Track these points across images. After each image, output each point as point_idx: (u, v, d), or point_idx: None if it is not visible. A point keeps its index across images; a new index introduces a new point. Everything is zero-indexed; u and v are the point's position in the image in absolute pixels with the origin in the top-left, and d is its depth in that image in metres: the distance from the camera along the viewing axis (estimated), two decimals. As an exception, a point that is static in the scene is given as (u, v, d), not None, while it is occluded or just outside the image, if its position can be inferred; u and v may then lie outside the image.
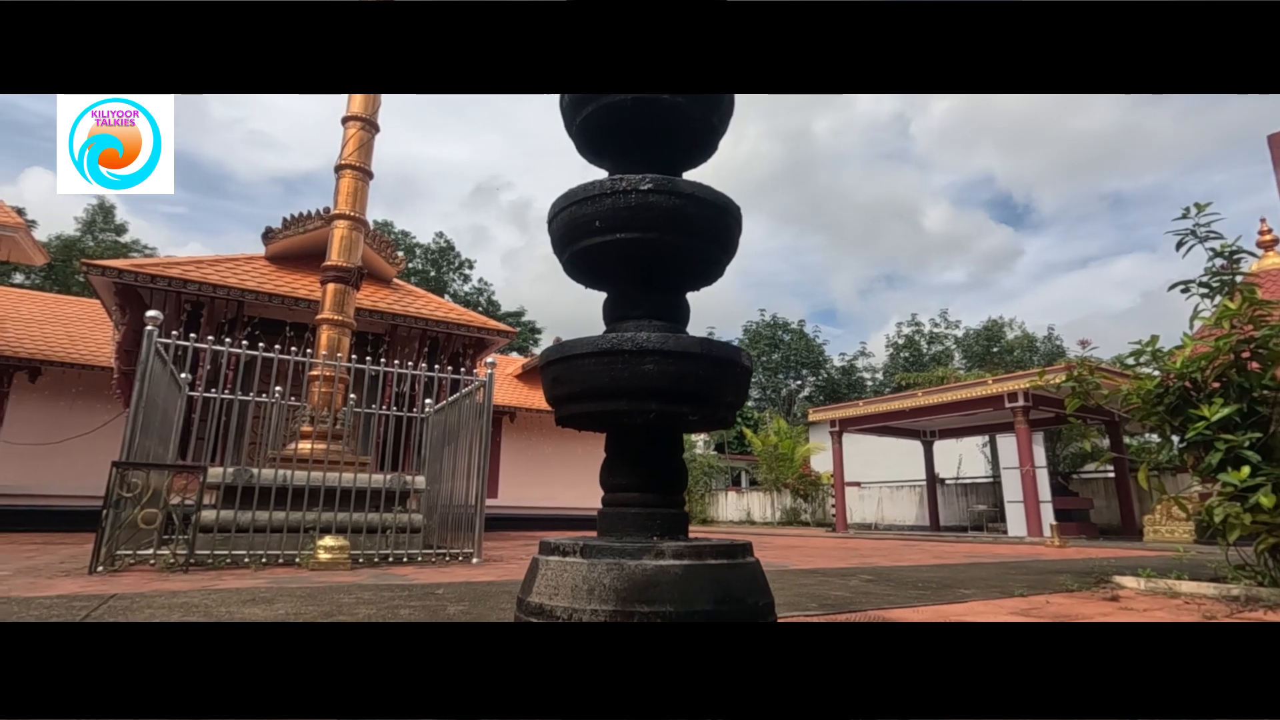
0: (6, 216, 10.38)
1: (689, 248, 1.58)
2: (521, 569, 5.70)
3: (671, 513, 1.56)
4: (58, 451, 11.58)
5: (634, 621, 1.26)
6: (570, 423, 1.61)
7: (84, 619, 2.61)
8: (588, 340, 1.50)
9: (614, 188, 1.51)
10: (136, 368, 5.50)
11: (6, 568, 5.09)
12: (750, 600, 1.39)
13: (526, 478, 16.29)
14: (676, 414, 1.48)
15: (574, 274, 1.69)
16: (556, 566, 1.41)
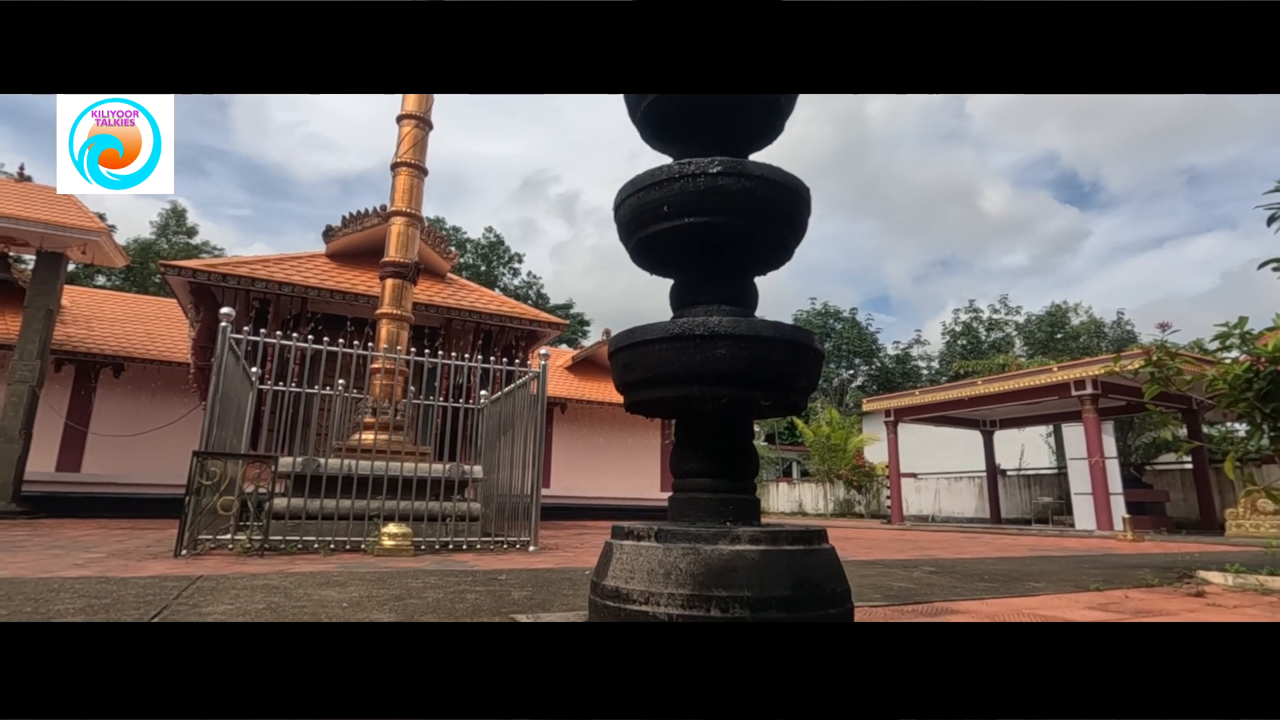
0: (90, 222, 11.02)
1: (759, 231, 1.56)
2: (577, 557, 5.77)
3: (744, 499, 1.55)
4: (140, 442, 12.28)
5: (711, 605, 1.26)
6: (640, 409, 1.61)
7: (175, 598, 2.76)
8: (658, 326, 1.50)
9: (682, 172, 1.50)
10: (211, 363, 5.78)
11: (100, 550, 5.41)
12: (828, 587, 1.37)
13: (578, 468, 16.46)
14: (749, 399, 1.46)
15: (641, 261, 1.69)
16: (631, 551, 1.42)
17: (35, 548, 5.38)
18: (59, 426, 11.98)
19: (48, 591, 2.85)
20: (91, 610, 2.44)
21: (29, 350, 10.57)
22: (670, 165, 1.54)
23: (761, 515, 6.78)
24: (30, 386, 10.48)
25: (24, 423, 10.33)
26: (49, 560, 4.47)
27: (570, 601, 2.95)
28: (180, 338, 13.13)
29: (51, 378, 11.39)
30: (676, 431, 1.64)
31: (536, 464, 6.74)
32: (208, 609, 2.54)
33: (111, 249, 11.36)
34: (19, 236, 10.62)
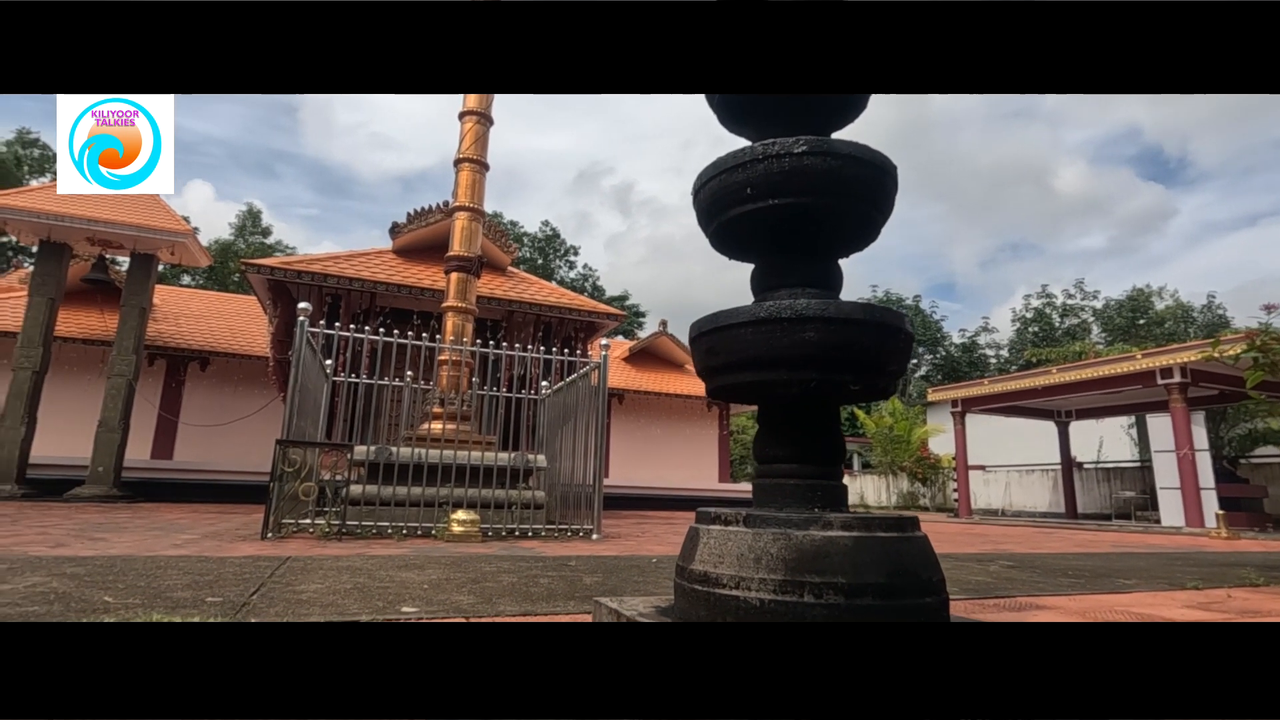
0: (177, 224, 11.68)
1: (846, 211, 1.52)
2: (640, 545, 5.81)
3: (831, 485, 1.52)
4: (224, 432, 13.00)
5: (804, 590, 1.24)
6: (723, 394, 1.60)
7: (269, 576, 2.92)
8: (743, 309, 1.48)
9: (766, 152, 1.47)
10: (288, 356, 6.06)
11: (195, 532, 5.76)
12: (924, 575, 1.34)
13: (636, 458, 16.55)
14: (837, 383, 1.43)
15: (721, 245, 1.67)
16: (719, 536, 1.41)
17: (137, 529, 5.77)
18: (153, 417, 12.79)
19: (156, 568, 3.05)
20: (197, 586, 2.60)
21: (125, 346, 11.31)
22: (754, 146, 1.51)
23: None
24: (127, 380, 11.23)
25: (122, 414, 11.07)
26: (151, 540, 4.78)
27: (641, 587, 2.97)
28: (258, 333, 13.82)
29: (145, 371, 12.17)
30: (760, 417, 1.62)
31: (598, 454, 6.81)
32: (300, 587, 2.68)
33: (196, 249, 12.03)
34: (114, 240, 11.36)
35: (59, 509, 8.33)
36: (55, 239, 11.08)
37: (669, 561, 4.15)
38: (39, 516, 6.81)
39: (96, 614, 2.03)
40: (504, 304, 10.59)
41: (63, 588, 2.44)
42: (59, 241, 11.13)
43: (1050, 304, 35.74)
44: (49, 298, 10.97)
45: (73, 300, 12.36)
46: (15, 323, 11.37)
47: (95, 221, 10.84)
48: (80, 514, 7.47)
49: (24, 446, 10.48)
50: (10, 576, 2.65)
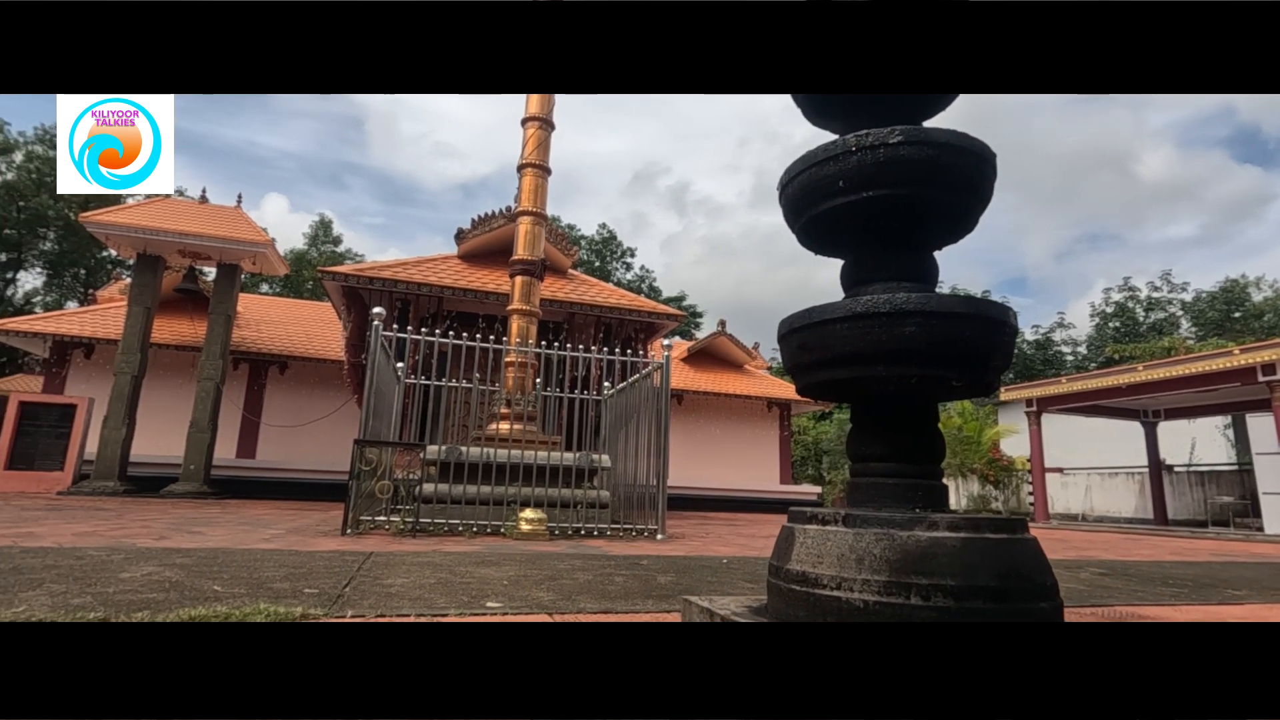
0: (259, 235, 12.32)
1: (943, 201, 1.47)
2: (705, 546, 5.78)
3: (932, 484, 1.47)
4: (301, 432, 13.63)
5: (910, 592, 1.21)
6: (815, 392, 1.57)
7: (357, 570, 3.04)
8: (838, 304, 1.45)
9: (859, 144, 1.44)
10: (362, 359, 6.29)
11: (279, 527, 6.04)
12: (1037, 579, 1.28)
13: (695, 459, 16.48)
14: (939, 379, 1.39)
15: (810, 240, 1.64)
16: (817, 535, 1.38)
17: (228, 524, 6.10)
18: (237, 418, 13.52)
19: (253, 561, 3.22)
20: (294, 578, 2.73)
21: (213, 351, 12.00)
22: (846, 138, 1.48)
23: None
24: (215, 383, 11.91)
25: (211, 415, 11.75)
26: (241, 534, 5.05)
27: (717, 587, 2.95)
28: (332, 337, 14.43)
29: (230, 375, 12.86)
30: (854, 415, 1.59)
31: (662, 454, 6.81)
32: (387, 581, 2.78)
33: (275, 259, 12.66)
34: (203, 251, 12.07)
35: (156, 504, 8.91)
36: (150, 252, 11.85)
37: (740, 563, 4.11)
38: (139, 511, 7.29)
39: (208, 602, 2.16)
40: (565, 306, 10.73)
41: (175, 577, 2.60)
42: (154, 254, 11.89)
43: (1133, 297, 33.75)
44: (145, 307, 11.74)
45: (166, 309, 13.18)
46: (116, 330, 12.22)
47: (186, 235, 11.54)
48: (175, 509, 7.97)
49: (125, 446, 11.25)
50: (129, 565, 2.85)
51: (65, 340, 12.99)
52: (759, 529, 9.18)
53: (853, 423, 1.58)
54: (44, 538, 4.07)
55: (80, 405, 11.37)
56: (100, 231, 11.68)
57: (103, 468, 10.96)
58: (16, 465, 10.77)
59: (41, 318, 14.04)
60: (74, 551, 3.30)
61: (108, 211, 12.56)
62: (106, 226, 11.54)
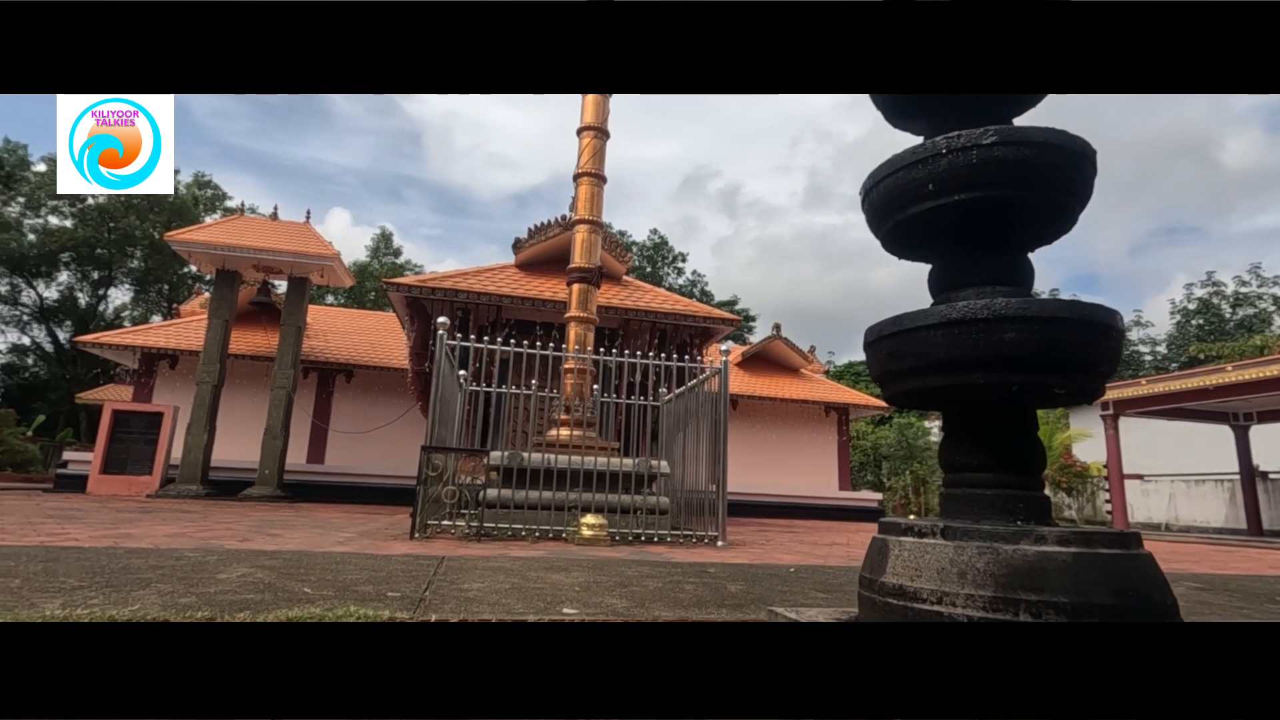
0: (326, 249, 12.84)
1: (1040, 202, 1.42)
2: (768, 553, 5.70)
3: (1034, 495, 1.42)
4: (367, 439, 14.10)
5: (1019, 609, 1.16)
6: (905, 400, 1.54)
7: (434, 575, 3.13)
8: (931, 311, 1.42)
9: (950, 146, 1.41)
10: (427, 367, 6.47)
11: (350, 530, 6.25)
12: (1157, 597, 1.21)
13: (751, 465, 16.30)
14: (1041, 386, 1.34)
15: (896, 245, 1.61)
16: (913, 548, 1.35)
17: (302, 526, 6.35)
18: (307, 425, 14.09)
19: (334, 563, 3.35)
20: (375, 581, 2.83)
21: (285, 361, 12.55)
22: (935, 140, 1.45)
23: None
24: (287, 392, 12.45)
25: (284, 422, 12.29)
26: (316, 537, 5.25)
27: (789, 597, 2.91)
28: (395, 346, 14.90)
29: (301, 384, 13.42)
30: (947, 423, 1.54)
31: (721, 459, 6.76)
32: (464, 586, 2.84)
33: (342, 271, 13.17)
34: (275, 265, 12.66)
35: (235, 507, 9.36)
36: (228, 267, 12.50)
37: (808, 572, 4.04)
38: (221, 514, 7.67)
39: (300, 604, 2.25)
40: (620, 312, 10.79)
41: (267, 579, 2.73)
42: (231, 269, 12.54)
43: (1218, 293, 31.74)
44: (224, 320, 12.37)
45: (242, 321, 13.86)
46: (198, 342, 12.91)
47: (260, 250, 12.12)
48: (253, 512, 8.35)
49: (206, 451, 11.87)
50: (223, 567, 3.00)
51: (152, 352, 13.81)
52: (820, 536, 9.01)
53: (946, 431, 1.54)
54: (141, 539, 4.33)
55: (166, 413, 12.06)
56: (183, 249, 12.39)
57: (186, 472, 11.59)
58: (111, 470, 11.48)
59: (131, 331, 14.97)
60: (171, 553, 3.50)
61: (189, 230, 13.32)
62: (188, 244, 12.23)
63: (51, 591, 2.25)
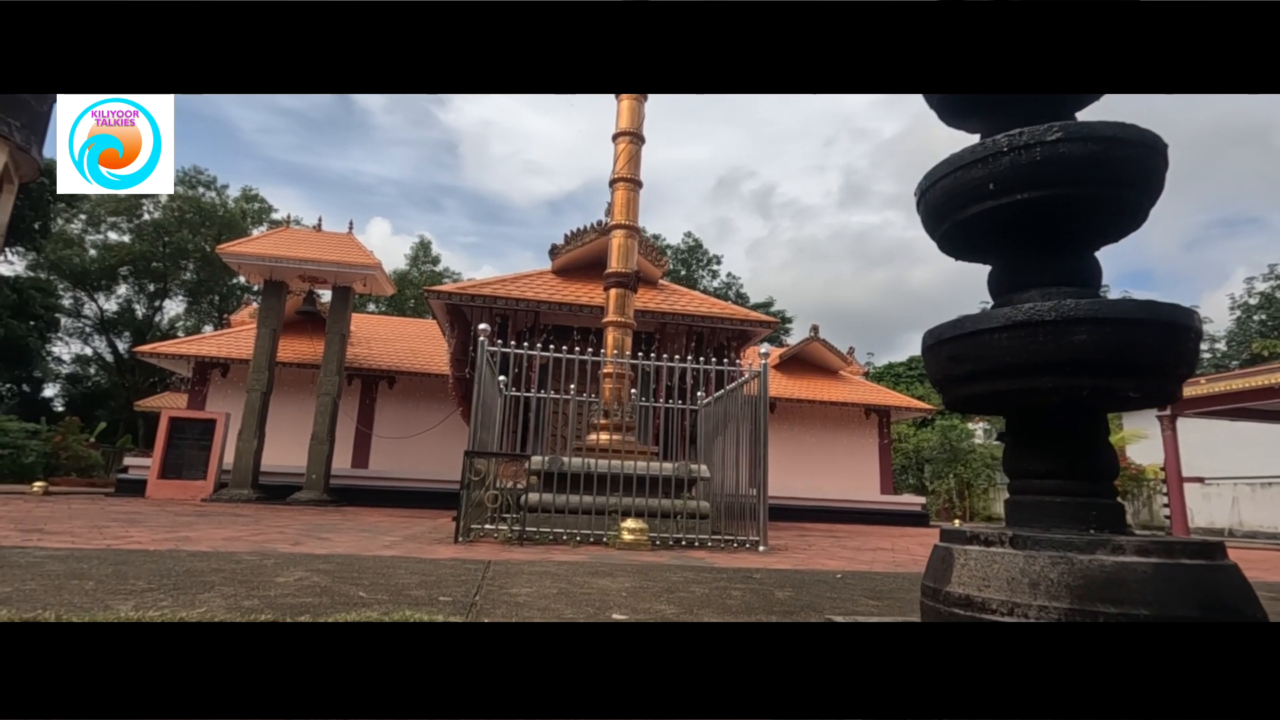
0: (368, 259, 13.14)
1: (1108, 199, 1.37)
2: (811, 559, 5.62)
3: (1107, 503, 1.37)
4: (408, 444, 14.38)
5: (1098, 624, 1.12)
6: (966, 405, 1.50)
7: (482, 579, 3.17)
8: (994, 313, 1.38)
9: (1012, 144, 1.37)
10: (467, 373, 6.56)
11: (396, 534, 6.37)
12: (1246, 611, 1.16)
13: (789, 468, 16.12)
14: (1114, 390, 1.29)
15: (953, 247, 1.57)
16: (980, 557, 1.32)
17: (350, 530, 6.50)
18: (351, 430, 14.43)
19: (386, 567, 3.41)
20: (425, 585, 2.87)
21: (330, 368, 12.88)
22: (996, 139, 1.41)
23: (999, 521, 6.04)
24: (332, 398, 12.76)
25: (329, 428, 12.60)
26: (365, 541, 5.36)
27: (840, 605, 2.86)
28: (435, 353, 15.16)
29: (345, 390, 13.75)
30: (1013, 429, 1.50)
31: (762, 463, 6.70)
32: (512, 590, 2.87)
33: (383, 280, 13.46)
34: (320, 275, 13.00)
35: (285, 511, 9.63)
36: (275, 278, 12.88)
37: (855, 578, 3.97)
38: (272, 518, 7.90)
39: (356, 608, 2.30)
40: (657, 316, 10.80)
41: (323, 582, 2.80)
42: (278, 280, 12.92)
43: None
44: (272, 329, 12.76)
45: (288, 330, 14.28)
46: (247, 351, 13.34)
47: (305, 261, 12.47)
48: (302, 516, 8.58)
49: (256, 457, 12.24)
50: (280, 570, 3.09)
51: (205, 361, 14.31)
52: (863, 540, 8.85)
53: (1011, 437, 1.50)
54: (199, 542, 4.48)
55: (219, 420, 12.48)
56: (233, 261, 12.81)
57: (238, 477, 11.97)
58: (168, 475, 11.93)
59: (185, 341, 15.55)
60: (230, 556, 3.61)
61: (239, 243, 13.77)
62: (238, 256, 12.64)
63: (123, 594, 2.34)
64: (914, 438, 23.72)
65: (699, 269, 39.59)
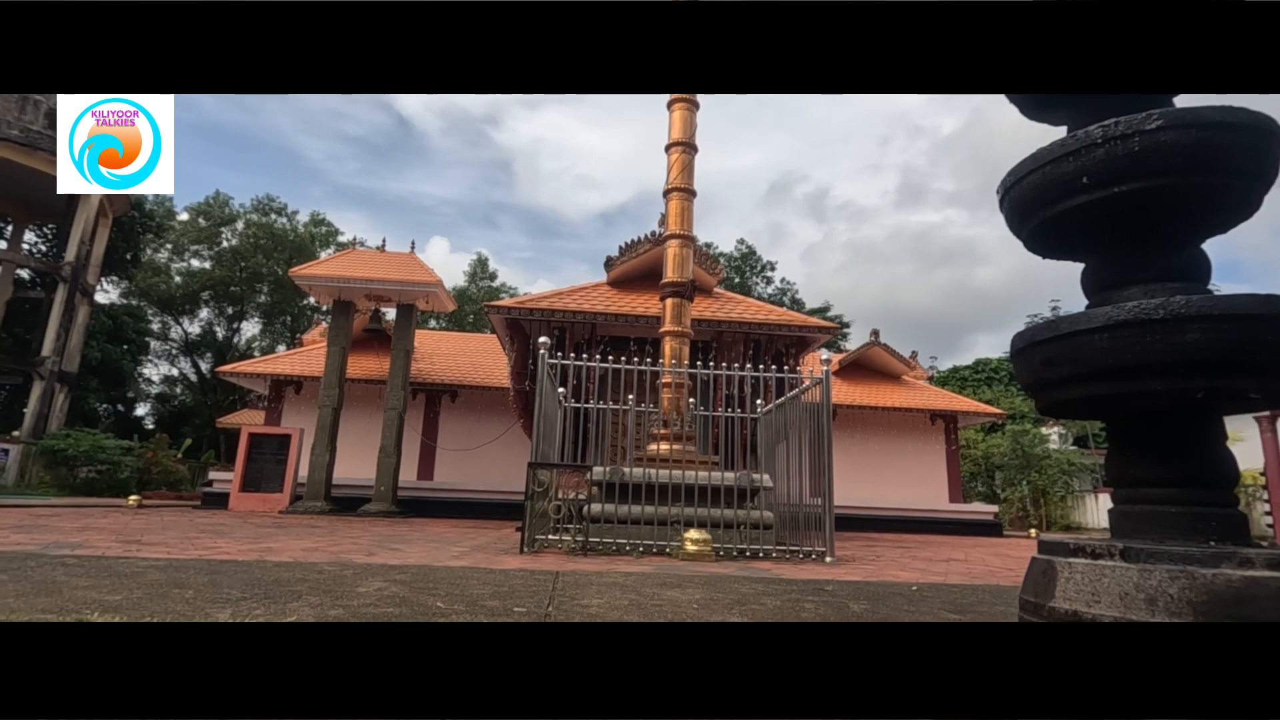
0: (430, 276, 13.55)
1: (1217, 188, 1.29)
2: (881, 570, 5.45)
3: (1227, 513, 1.27)
4: (472, 455, 14.69)
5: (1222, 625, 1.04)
6: (1062, 410, 1.43)
7: (553, 591, 3.20)
8: (1094, 313, 1.31)
9: (1106, 134, 1.30)
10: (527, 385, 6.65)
11: (463, 545, 6.49)
12: (1399, 630, 1.06)
13: (852, 476, 15.70)
14: (1234, 391, 1.21)
15: (1042, 245, 1.51)
16: (1087, 570, 1.25)
17: (419, 541, 6.66)
18: (417, 443, 14.85)
19: (458, 578, 3.49)
20: (499, 596, 2.92)
21: (396, 383, 13.30)
22: (1089, 130, 1.34)
23: (1080, 531, 5.78)
24: (398, 413, 13.18)
25: (396, 441, 13.00)
26: (434, 551, 5.49)
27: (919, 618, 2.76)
28: (495, 367, 15.48)
29: (410, 405, 14.18)
30: (1117, 434, 1.42)
31: (826, 472, 6.56)
32: (584, 602, 2.89)
33: (444, 297, 13.85)
34: (385, 294, 13.48)
35: (356, 523, 9.97)
36: (343, 298, 13.42)
37: (932, 590, 3.83)
38: (345, 529, 8.18)
39: (434, 617, 2.36)
40: (713, 325, 10.75)
41: (401, 592, 2.88)
42: (346, 300, 13.46)
43: (1390, 274, 27.88)
44: (341, 346, 13.28)
45: (356, 347, 14.84)
46: (318, 369, 13.92)
47: (371, 280, 12.96)
48: (373, 527, 8.86)
49: (328, 470, 12.73)
50: (360, 581, 3.20)
51: (280, 379, 15.00)
52: (933, 551, 8.55)
53: (1114, 443, 1.41)
54: (281, 553, 4.68)
55: (294, 435, 13.04)
56: (304, 283, 13.42)
57: (312, 489, 12.47)
58: (248, 488, 12.53)
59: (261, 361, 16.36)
60: (312, 566, 3.76)
61: (309, 266, 14.42)
62: (309, 278, 13.24)
63: (220, 602, 2.46)
64: (982, 443, 22.78)
65: (753, 276, 39.25)
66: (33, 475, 15.76)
